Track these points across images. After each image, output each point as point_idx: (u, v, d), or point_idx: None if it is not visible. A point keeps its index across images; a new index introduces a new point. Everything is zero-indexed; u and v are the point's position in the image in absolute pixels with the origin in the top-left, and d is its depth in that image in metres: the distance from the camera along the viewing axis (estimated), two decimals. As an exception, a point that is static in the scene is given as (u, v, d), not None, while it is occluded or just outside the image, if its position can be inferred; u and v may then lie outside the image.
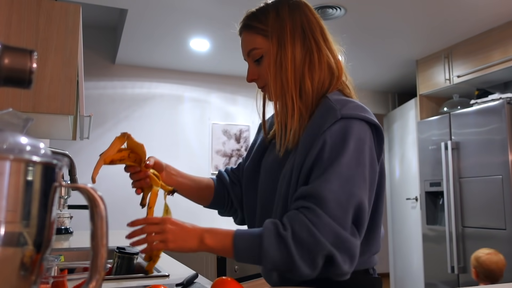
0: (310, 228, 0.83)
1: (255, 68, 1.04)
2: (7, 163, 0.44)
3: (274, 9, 1.01)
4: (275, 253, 0.83)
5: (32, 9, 1.56)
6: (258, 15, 1.02)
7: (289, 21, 0.99)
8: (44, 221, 0.48)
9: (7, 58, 0.49)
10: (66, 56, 1.58)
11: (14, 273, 0.45)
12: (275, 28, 0.99)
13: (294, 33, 0.99)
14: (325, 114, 0.93)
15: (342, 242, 0.83)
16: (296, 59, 0.98)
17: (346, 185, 0.86)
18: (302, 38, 0.99)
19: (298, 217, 0.85)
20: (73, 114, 1.59)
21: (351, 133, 0.90)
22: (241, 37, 1.07)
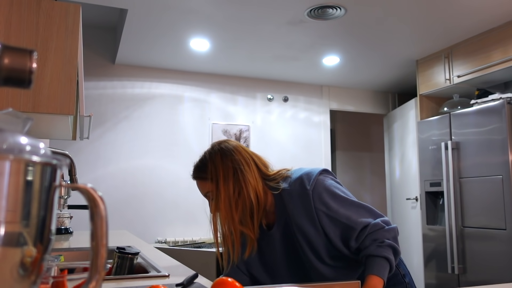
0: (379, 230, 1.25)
1: (212, 204, 1.34)
2: (7, 163, 0.44)
3: (210, 160, 1.32)
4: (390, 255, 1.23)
5: (32, 9, 1.56)
6: (201, 168, 1.34)
7: (221, 167, 1.30)
8: (44, 221, 0.48)
9: (7, 58, 0.49)
10: (66, 56, 1.58)
11: (14, 273, 0.45)
12: (213, 174, 1.30)
13: (227, 176, 1.29)
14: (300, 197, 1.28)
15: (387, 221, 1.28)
16: (230, 195, 1.28)
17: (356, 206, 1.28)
18: (233, 178, 1.29)
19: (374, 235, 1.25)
20: (73, 114, 1.59)
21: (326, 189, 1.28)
22: (196, 183, 1.37)
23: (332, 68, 4.37)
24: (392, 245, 1.24)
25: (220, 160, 1.31)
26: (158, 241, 4.00)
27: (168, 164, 4.22)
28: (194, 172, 1.36)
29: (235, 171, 1.30)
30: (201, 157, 1.37)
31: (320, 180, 1.29)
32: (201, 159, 1.36)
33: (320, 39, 3.62)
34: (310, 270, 1.34)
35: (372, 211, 1.29)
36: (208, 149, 1.37)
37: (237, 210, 1.28)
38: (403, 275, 1.37)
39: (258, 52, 3.92)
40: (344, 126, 6.14)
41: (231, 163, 1.30)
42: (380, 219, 1.26)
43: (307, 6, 2.99)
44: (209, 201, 1.35)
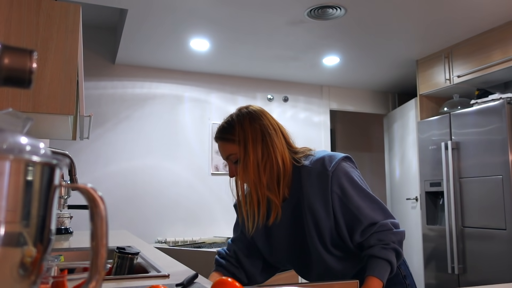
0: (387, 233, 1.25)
1: (234, 168, 1.31)
2: (7, 163, 0.44)
3: (238, 122, 1.30)
4: (392, 258, 1.23)
5: (32, 9, 1.56)
6: (227, 129, 1.31)
7: (250, 130, 1.29)
8: (44, 221, 0.48)
9: (7, 58, 0.49)
10: (66, 56, 1.58)
11: (14, 273, 0.45)
12: (241, 137, 1.28)
13: (255, 139, 1.28)
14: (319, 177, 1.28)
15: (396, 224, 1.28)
16: (257, 158, 1.27)
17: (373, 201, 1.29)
18: (261, 142, 1.28)
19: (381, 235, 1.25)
20: (73, 114, 1.59)
21: (346, 176, 1.28)
22: (218, 145, 1.34)
23: (332, 68, 4.37)
24: (397, 248, 1.24)
25: (249, 123, 1.30)
26: (158, 241, 4.00)
27: (168, 164, 4.22)
28: (219, 133, 1.33)
29: (263, 135, 1.29)
30: (227, 119, 1.34)
31: (342, 165, 1.29)
32: (227, 121, 1.33)
33: (320, 39, 3.62)
34: (312, 252, 1.34)
35: (384, 210, 1.29)
36: (235, 112, 1.34)
37: (265, 173, 1.27)
38: (404, 276, 1.37)
39: (258, 52, 3.92)
40: (344, 126, 6.14)
41: (259, 127, 1.29)
42: (390, 220, 1.26)
43: (307, 6, 2.99)
44: (230, 164, 1.32)
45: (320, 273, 1.37)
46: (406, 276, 1.38)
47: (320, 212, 1.27)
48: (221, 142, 1.32)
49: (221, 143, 1.32)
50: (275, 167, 1.28)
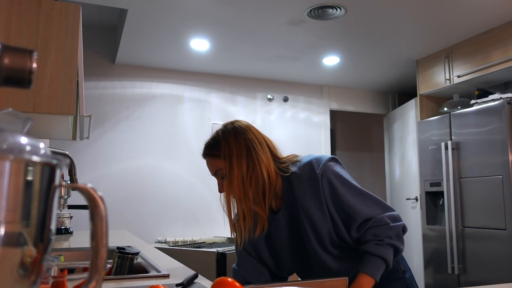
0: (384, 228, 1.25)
1: (222, 182, 1.33)
2: (7, 163, 0.44)
3: (223, 138, 1.32)
4: (389, 255, 1.24)
5: (32, 9, 1.56)
6: (213, 145, 1.33)
7: (235, 145, 1.30)
8: (44, 221, 0.48)
9: (7, 58, 0.49)
10: (66, 56, 1.58)
11: (14, 273, 0.45)
12: (226, 153, 1.30)
13: (240, 154, 1.29)
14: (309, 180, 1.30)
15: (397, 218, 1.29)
16: (243, 173, 1.28)
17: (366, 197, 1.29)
18: (246, 156, 1.29)
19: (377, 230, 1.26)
20: (73, 114, 1.59)
21: (335, 175, 1.29)
22: (206, 161, 1.36)
23: (332, 68, 4.37)
24: (393, 244, 1.24)
25: (234, 138, 1.32)
26: (158, 241, 4.00)
27: (168, 164, 4.22)
28: (206, 149, 1.36)
29: (248, 150, 1.30)
30: (213, 135, 1.36)
31: (330, 165, 1.31)
32: (213, 137, 1.36)
33: (320, 39, 3.62)
34: (312, 257, 1.35)
35: (380, 203, 1.29)
36: (220, 128, 1.37)
37: (250, 187, 1.29)
38: (403, 271, 1.37)
39: (258, 52, 3.92)
40: (344, 126, 6.14)
41: (244, 142, 1.31)
42: (387, 214, 1.26)
43: (307, 6, 2.99)
44: (218, 180, 1.34)
45: (322, 276, 1.38)
46: (405, 270, 1.38)
47: (316, 216, 1.29)
48: (208, 158, 1.35)
49: (208, 159, 1.35)
50: (261, 180, 1.29)
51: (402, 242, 1.27)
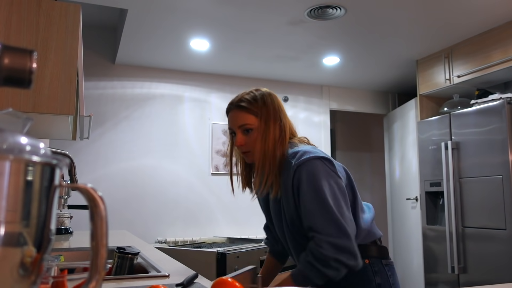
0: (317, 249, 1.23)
1: (244, 137, 1.38)
2: (7, 163, 0.44)
3: (262, 99, 1.39)
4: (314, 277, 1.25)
5: (32, 9, 1.56)
6: (251, 101, 1.39)
7: (271, 108, 1.39)
8: (44, 221, 0.48)
9: (7, 58, 0.49)
10: (66, 56, 1.58)
11: (13, 273, 0.45)
12: (263, 112, 1.37)
13: (275, 118, 1.38)
14: (288, 170, 1.33)
15: (340, 247, 1.22)
16: (276, 135, 1.37)
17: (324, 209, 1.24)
18: (277, 120, 1.39)
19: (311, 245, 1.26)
20: (73, 114, 1.59)
21: (308, 173, 1.28)
22: (232, 113, 1.41)
23: (332, 68, 4.37)
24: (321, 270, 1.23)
25: (271, 102, 1.39)
26: (158, 241, 4.00)
27: (168, 164, 4.22)
28: (240, 102, 1.39)
29: (281, 117, 1.39)
30: (247, 92, 1.41)
31: (313, 162, 1.29)
32: (249, 93, 1.41)
33: (320, 39, 3.62)
34: (286, 238, 1.42)
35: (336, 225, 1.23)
36: (253, 89, 1.43)
37: (279, 149, 1.36)
38: (378, 284, 1.32)
39: (258, 52, 3.92)
40: (344, 126, 6.13)
41: (278, 108, 1.40)
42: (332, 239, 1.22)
43: (307, 6, 2.99)
44: (239, 133, 1.38)
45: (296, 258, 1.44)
46: (380, 284, 1.33)
47: (286, 201, 1.34)
48: (239, 111, 1.38)
49: (239, 112, 1.38)
50: (285, 147, 1.38)
51: (333, 269, 1.22)
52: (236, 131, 1.39)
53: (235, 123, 1.39)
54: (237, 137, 1.38)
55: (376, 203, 6.03)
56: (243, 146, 1.38)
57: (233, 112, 1.40)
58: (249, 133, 1.37)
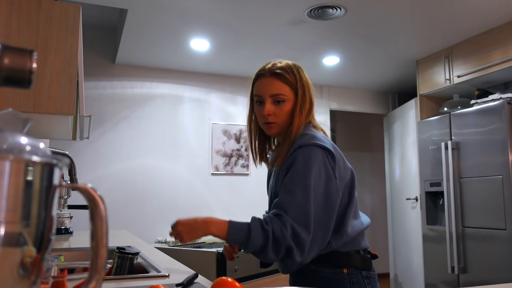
0: (281, 226, 1.18)
1: (273, 107, 1.33)
2: (7, 163, 0.44)
3: (296, 70, 1.36)
4: (257, 241, 1.19)
5: (32, 9, 1.56)
6: (288, 71, 1.35)
7: (305, 81, 1.36)
8: (44, 221, 0.48)
9: (7, 58, 0.49)
10: (66, 56, 1.58)
11: (14, 273, 0.45)
12: (300, 85, 1.35)
13: (308, 91, 1.36)
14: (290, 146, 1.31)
15: (299, 238, 1.17)
16: (307, 110, 1.35)
17: (302, 196, 1.20)
18: (309, 95, 1.37)
19: (275, 219, 1.21)
20: (73, 114, 1.59)
21: (305, 157, 1.24)
22: (265, 80, 1.35)
23: (332, 68, 4.37)
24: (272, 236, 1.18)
25: (304, 75, 1.38)
26: (158, 241, 4.00)
27: (168, 164, 4.22)
28: (277, 69, 1.35)
29: (311, 94, 1.38)
30: (279, 61, 1.39)
31: (313, 149, 1.25)
32: (285, 64, 1.37)
33: (320, 39, 3.62)
34: None
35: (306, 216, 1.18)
36: (285, 60, 1.40)
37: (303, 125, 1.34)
38: (352, 283, 1.26)
39: (258, 52, 3.92)
40: (344, 126, 6.14)
41: (309, 84, 1.38)
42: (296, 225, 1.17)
43: (307, 6, 2.99)
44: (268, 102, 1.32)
45: None
46: (354, 283, 1.26)
47: (277, 175, 1.33)
48: (274, 79, 1.33)
49: (274, 80, 1.33)
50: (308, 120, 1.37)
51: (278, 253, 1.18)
52: (266, 99, 1.33)
53: (267, 91, 1.33)
54: (266, 106, 1.32)
55: (376, 203, 6.03)
56: (270, 116, 1.32)
57: (266, 79, 1.34)
58: (279, 104, 1.32)
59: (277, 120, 1.33)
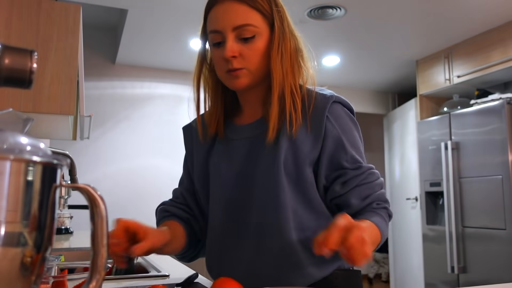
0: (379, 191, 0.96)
1: (238, 46, 0.91)
2: (7, 163, 0.44)
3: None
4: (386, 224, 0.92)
5: (33, 9, 1.56)
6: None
7: (283, 11, 0.98)
8: (44, 221, 0.48)
9: (8, 58, 0.49)
10: (66, 56, 1.58)
11: (14, 273, 0.45)
12: (278, 12, 0.94)
13: (289, 25, 0.99)
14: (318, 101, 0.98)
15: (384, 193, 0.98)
16: (292, 50, 0.97)
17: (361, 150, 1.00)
18: (292, 32, 1.00)
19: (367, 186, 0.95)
20: (73, 114, 1.59)
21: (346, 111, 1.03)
22: (223, 7, 0.91)
23: (332, 68, 4.37)
24: None
25: (282, 5, 0.98)
26: (158, 241, 4.01)
27: (168, 164, 4.22)
28: None
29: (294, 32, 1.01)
30: None
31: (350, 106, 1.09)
32: None
33: (320, 39, 3.62)
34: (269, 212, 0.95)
35: None
36: None
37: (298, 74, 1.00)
38: None
39: (258, 52, 3.92)
40: (344, 126, 6.12)
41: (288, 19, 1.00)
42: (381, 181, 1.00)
43: (307, 6, 2.99)
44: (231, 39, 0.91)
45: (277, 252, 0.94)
46: None
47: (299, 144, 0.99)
48: (238, 3, 0.91)
49: (238, 5, 0.90)
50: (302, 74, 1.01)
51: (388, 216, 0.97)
52: (227, 35, 0.91)
53: (227, 23, 0.90)
54: (227, 45, 0.90)
55: (376, 203, 6.02)
56: (236, 59, 0.91)
57: (225, 5, 0.91)
58: (248, 41, 0.92)
59: (246, 65, 0.92)
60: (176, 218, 1.08)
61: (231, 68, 0.92)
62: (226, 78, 0.96)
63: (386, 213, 0.95)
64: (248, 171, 0.97)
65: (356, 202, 0.93)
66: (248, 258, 0.96)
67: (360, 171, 0.94)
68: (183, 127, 1.24)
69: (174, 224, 1.05)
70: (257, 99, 1.01)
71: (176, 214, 1.09)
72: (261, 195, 0.95)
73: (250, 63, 0.93)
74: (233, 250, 0.99)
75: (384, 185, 0.98)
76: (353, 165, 0.94)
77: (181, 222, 1.07)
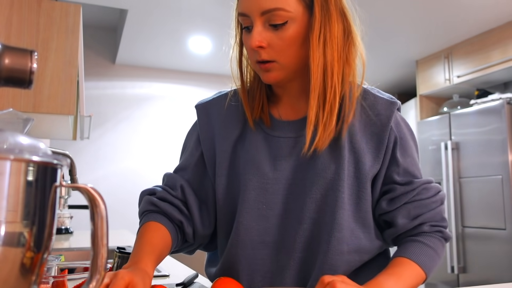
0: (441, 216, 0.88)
1: (267, 34, 0.77)
2: (7, 163, 0.44)
3: None
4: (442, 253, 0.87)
5: (33, 10, 1.56)
6: None
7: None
8: (44, 221, 0.48)
9: (8, 58, 0.49)
10: (66, 56, 1.58)
11: (14, 273, 0.45)
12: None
13: (336, 6, 0.79)
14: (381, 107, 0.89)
15: None
16: (340, 38, 0.79)
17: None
18: (342, 15, 0.81)
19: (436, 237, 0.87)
20: (73, 114, 1.59)
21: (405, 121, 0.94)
22: None
23: (332, 68, 4.37)
24: None
25: None
26: (158, 241, 4.01)
27: (168, 164, 4.22)
28: None
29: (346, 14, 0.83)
30: None
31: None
32: None
33: (320, 39, 3.62)
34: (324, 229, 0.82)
35: None
36: None
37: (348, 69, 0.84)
38: None
39: (258, 52, 3.93)
40: (344, 126, 6.13)
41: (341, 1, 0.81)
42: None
43: (307, 6, 3.00)
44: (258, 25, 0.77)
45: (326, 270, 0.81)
46: None
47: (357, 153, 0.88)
48: None
49: None
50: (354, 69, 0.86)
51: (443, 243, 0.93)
52: (255, 20, 0.78)
53: (254, 6, 0.77)
54: (253, 33, 0.77)
55: (376, 203, 6.03)
56: (263, 49, 0.77)
57: None
58: (278, 28, 0.76)
59: (277, 57, 0.78)
60: (164, 220, 0.88)
61: (259, 60, 0.79)
62: (257, 69, 0.82)
63: (441, 236, 0.86)
64: (299, 178, 0.83)
65: (403, 222, 0.82)
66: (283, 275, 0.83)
67: (411, 187, 0.83)
68: (197, 105, 1.04)
69: (159, 232, 0.85)
70: (301, 92, 0.85)
71: (166, 213, 0.89)
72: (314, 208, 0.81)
73: (282, 55, 0.77)
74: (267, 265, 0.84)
75: (444, 200, 0.89)
76: (405, 179, 0.84)
77: (170, 226, 0.88)
